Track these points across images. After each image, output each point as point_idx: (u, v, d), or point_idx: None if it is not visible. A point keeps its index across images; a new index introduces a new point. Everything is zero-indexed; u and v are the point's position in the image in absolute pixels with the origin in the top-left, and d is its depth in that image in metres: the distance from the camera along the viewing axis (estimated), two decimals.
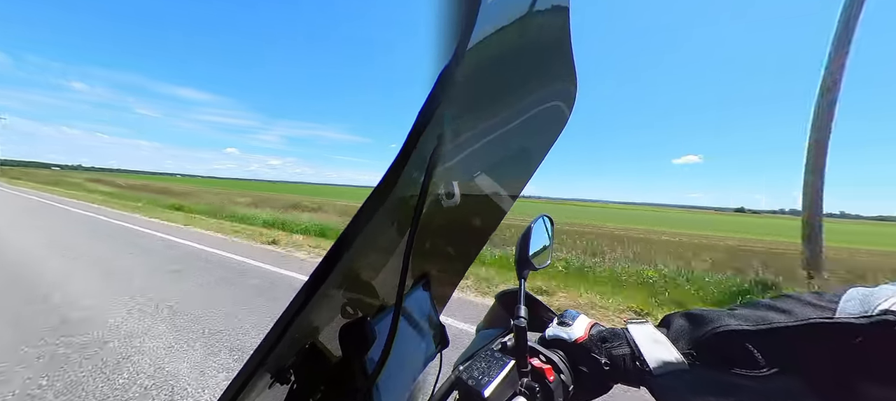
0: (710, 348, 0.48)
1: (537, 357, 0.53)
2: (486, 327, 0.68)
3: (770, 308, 0.48)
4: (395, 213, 0.35)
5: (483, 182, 0.46)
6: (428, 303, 0.56)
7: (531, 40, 0.34)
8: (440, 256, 0.55)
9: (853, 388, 0.42)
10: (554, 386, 0.49)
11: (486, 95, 0.35)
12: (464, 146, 0.39)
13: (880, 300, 0.41)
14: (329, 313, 0.41)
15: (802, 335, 0.44)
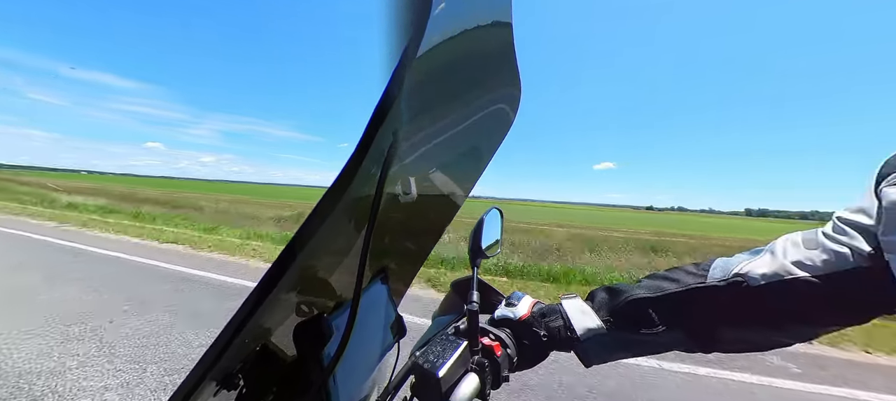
0: (623, 314, 0.57)
1: (487, 336, 0.58)
2: (441, 314, 0.71)
3: (664, 278, 0.58)
4: (352, 210, 0.34)
5: (437, 179, 0.46)
6: (385, 296, 0.56)
7: (479, 48, 0.35)
8: (397, 251, 0.54)
9: (717, 334, 0.54)
10: (501, 360, 0.54)
11: (439, 96, 0.35)
12: (419, 144, 0.39)
13: (734, 266, 0.52)
14: (283, 314, 0.39)
15: (684, 298, 0.54)
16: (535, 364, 0.61)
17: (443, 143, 0.42)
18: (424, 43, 0.25)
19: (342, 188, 0.26)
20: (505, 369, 0.55)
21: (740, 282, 0.51)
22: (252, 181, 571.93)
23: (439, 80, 0.33)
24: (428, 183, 0.45)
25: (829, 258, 0.47)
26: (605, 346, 0.58)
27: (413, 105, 0.32)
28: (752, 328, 0.53)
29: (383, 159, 0.33)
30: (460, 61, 0.34)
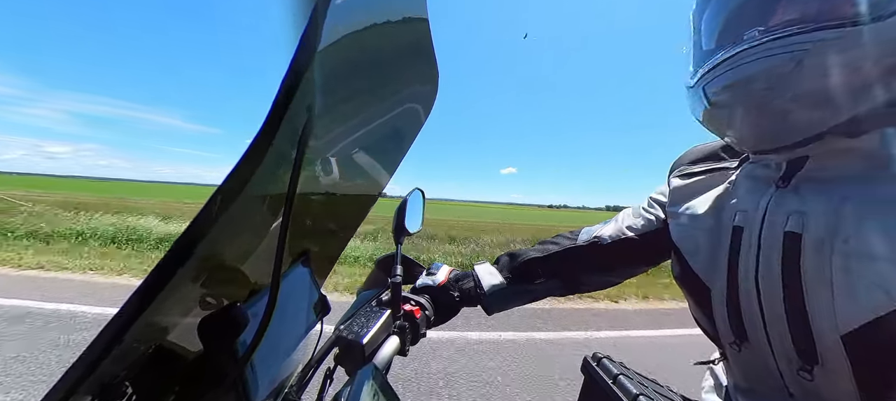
0: (520, 271, 0.72)
1: (409, 303, 0.62)
2: (366, 289, 0.72)
3: (550, 243, 0.75)
4: (265, 191, 0.31)
5: (361, 160, 0.45)
6: (308, 278, 0.53)
7: (396, 35, 0.34)
8: (320, 232, 0.51)
9: (580, 280, 0.73)
10: (420, 321, 0.60)
11: (356, 75, 0.33)
12: (339, 123, 0.36)
13: (594, 232, 0.73)
14: (182, 309, 0.33)
15: (562, 256, 0.72)
16: (448, 319, 0.70)
17: (364, 124, 0.40)
18: (333, 16, 0.23)
19: (250, 168, 0.23)
20: (423, 328, 0.61)
21: (597, 242, 0.71)
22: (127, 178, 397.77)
23: (355, 59, 0.31)
24: (351, 164, 0.43)
25: (644, 223, 0.69)
26: (505, 297, 0.72)
27: (328, 82, 0.29)
28: (602, 273, 0.73)
29: (299, 137, 0.30)
30: (376, 44, 0.32)
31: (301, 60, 0.24)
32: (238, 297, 0.42)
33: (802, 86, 0.36)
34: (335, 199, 0.46)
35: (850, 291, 0.36)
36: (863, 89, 0.35)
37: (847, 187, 0.39)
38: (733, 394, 0.54)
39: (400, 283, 0.59)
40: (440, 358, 2.56)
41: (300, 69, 0.24)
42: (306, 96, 0.27)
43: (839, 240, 0.37)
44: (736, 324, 0.47)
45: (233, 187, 0.22)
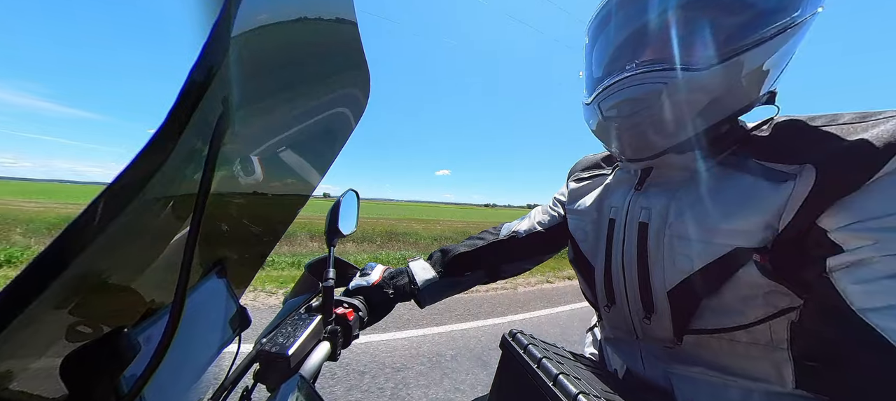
0: (451, 264, 0.76)
1: (342, 306, 0.59)
2: (294, 296, 0.65)
3: (477, 238, 0.81)
4: (170, 191, 0.25)
5: (289, 159, 0.40)
6: (224, 290, 0.45)
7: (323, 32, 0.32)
8: (239, 239, 0.44)
9: (501, 269, 0.80)
10: (353, 323, 0.57)
11: (280, 69, 0.30)
12: (262, 120, 0.32)
13: (513, 227, 0.82)
14: (40, 345, 0.25)
15: (487, 250, 0.79)
16: (382, 317, 0.69)
17: (291, 122, 0.36)
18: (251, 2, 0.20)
19: (151, 165, 0.19)
20: (356, 330, 0.59)
21: (515, 235, 0.80)
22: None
23: (279, 53, 0.28)
24: (277, 164, 0.39)
25: (550, 219, 0.80)
26: (438, 290, 0.74)
27: (248, 74, 0.26)
28: (519, 261, 0.82)
29: (212, 133, 0.26)
30: (302, 40, 0.30)
31: (215, 47, 0.21)
32: (125, 321, 0.33)
33: (660, 112, 0.45)
34: (258, 201, 0.40)
35: (673, 261, 0.47)
36: (691, 119, 0.46)
37: (675, 190, 0.50)
38: (604, 345, 0.67)
39: (332, 286, 0.55)
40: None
41: (214, 56, 0.21)
42: (221, 87, 0.24)
43: (668, 226, 0.48)
44: (608, 291, 0.57)
45: (127, 187, 0.18)
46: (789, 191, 0.39)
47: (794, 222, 0.38)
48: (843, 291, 0.34)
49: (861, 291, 0.33)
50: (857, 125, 0.38)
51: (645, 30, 0.49)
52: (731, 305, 0.44)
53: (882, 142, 0.34)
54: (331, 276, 0.56)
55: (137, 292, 0.33)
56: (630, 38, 0.51)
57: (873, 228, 0.33)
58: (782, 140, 0.43)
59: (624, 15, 0.51)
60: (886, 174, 0.34)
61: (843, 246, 0.35)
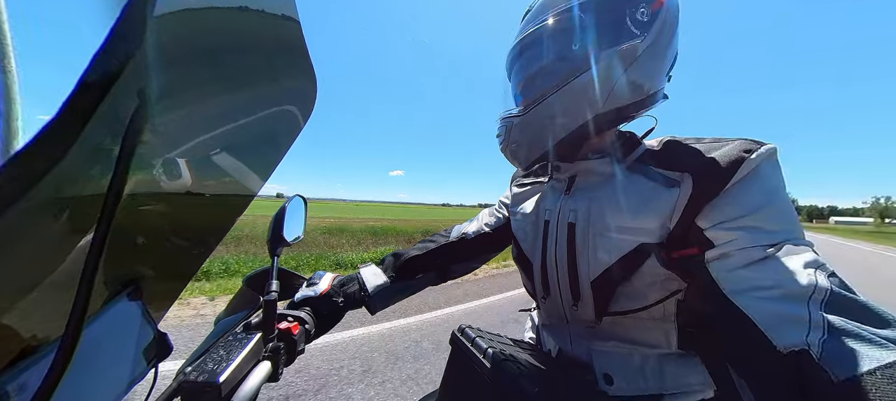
0: (403, 268, 0.75)
1: (285, 320, 0.54)
2: (230, 314, 0.58)
3: (429, 241, 0.81)
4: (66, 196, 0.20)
5: (224, 163, 0.36)
6: (138, 315, 0.37)
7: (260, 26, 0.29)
8: (160, 254, 0.37)
9: (451, 269, 0.82)
10: (298, 337, 0.53)
11: (211, 61, 0.27)
12: (190, 117, 0.28)
13: (463, 229, 0.84)
14: None
15: (437, 252, 0.81)
16: (332, 327, 0.65)
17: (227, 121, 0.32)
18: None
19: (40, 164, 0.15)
20: (301, 344, 0.54)
21: (464, 237, 0.82)
22: None
23: (209, 42, 0.25)
24: (210, 167, 0.34)
25: (496, 220, 0.84)
26: (389, 295, 0.73)
27: (171, 64, 0.23)
28: (467, 261, 0.84)
29: (125, 129, 0.22)
30: (238, 30, 0.27)
31: (129, 27, 0.18)
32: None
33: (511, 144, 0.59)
34: (185, 209, 0.35)
35: (594, 254, 0.53)
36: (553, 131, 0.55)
37: (594, 192, 0.56)
38: (541, 329, 0.73)
39: (275, 300, 0.50)
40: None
41: (128, 39, 0.18)
42: (137, 77, 0.20)
43: (589, 224, 0.54)
44: (544, 284, 0.62)
45: (7, 186, 0.14)
46: (676, 195, 0.47)
47: (681, 221, 0.46)
48: (715, 278, 0.41)
49: (727, 278, 0.40)
50: (713, 145, 0.48)
51: (514, 84, 0.62)
52: (638, 290, 0.52)
53: (727, 161, 0.43)
54: (274, 288, 0.50)
55: (9, 327, 0.26)
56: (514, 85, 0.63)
57: (731, 228, 0.42)
58: (670, 153, 0.52)
59: (511, 68, 0.64)
60: (732, 185, 0.43)
61: (714, 242, 0.43)
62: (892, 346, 0.29)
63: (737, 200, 0.43)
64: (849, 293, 0.33)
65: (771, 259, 0.38)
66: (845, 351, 0.29)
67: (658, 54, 0.50)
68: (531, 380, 0.46)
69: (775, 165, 0.45)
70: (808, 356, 0.31)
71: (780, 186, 0.44)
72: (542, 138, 0.56)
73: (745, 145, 0.45)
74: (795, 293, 0.34)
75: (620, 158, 0.57)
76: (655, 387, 0.52)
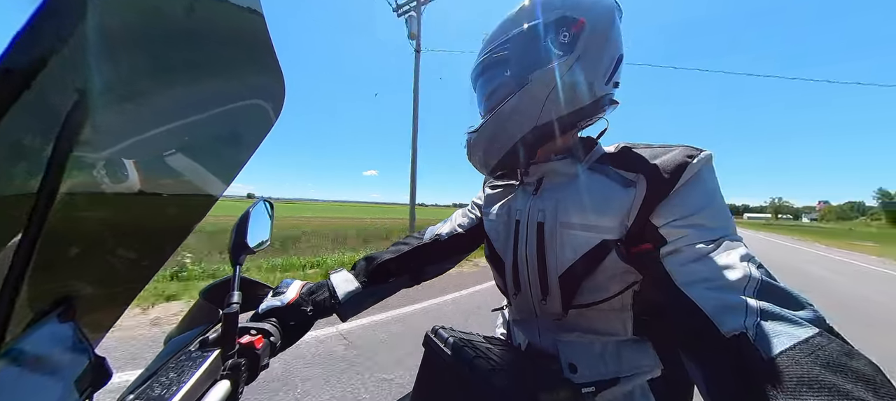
0: (375, 273, 0.74)
1: (248, 334, 0.50)
2: (186, 330, 0.52)
3: (402, 243, 0.81)
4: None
5: (179, 165, 0.32)
6: (70, 337, 0.32)
7: (218, 17, 0.28)
8: (101, 266, 0.33)
9: (424, 271, 0.82)
10: (262, 351, 0.49)
11: (162, 47, 0.24)
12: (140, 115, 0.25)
13: (436, 230, 0.85)
14: None
15: (411, 254, 0.80)
16: (300, 338, 0.61)
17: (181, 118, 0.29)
18: None
19: None
20: (265, 358, 0.50)
21: (438, 238, 0.82)
22: None
23: (161, 27, 0.23)
24: (163, 167, 0.30)
25: (469, 221, 0.85)
26: (360, 300, 0.71)
27: (116, 53, 0.20)
28: (441, 262, 0.84)
29: (61, 126, 0.19)
30: (193, 16, 0.25)
31: (59, 4, 0.15)
32: None
33: (474, 157, 0.63)
34: (134, 214, 0.31)
35: (562, 250, 0.55)
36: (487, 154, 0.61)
37: (560, 192, 0.59)
38: (512, 325, 0.75)
39: (237, 312, 0.46)
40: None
41: (58, 18, 0.15)
42: (72, 64, 0.18)
43: (557, 222, 0.57)
44: (515, 281, 0.64)
45: None
46: (633, 194, 0.51)
47: (637, 219, 0.50)
48: (669, 271, 0.44)
49: (679, 271, 0.43)
50: (660, 150, 0.53)
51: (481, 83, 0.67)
52: (601, 283, 0.55)
53: (674, 165, 0.49)
54: (235, 300, 0.46)
55: None
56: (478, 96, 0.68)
57: (681, 226, 0.46)
58: (626, 156, 0.57)
59: (471, 82, 0.69)
60: (680, 187, 0.48)
61: (667, 239, 0.47)
62: (807, 324, 0.33)
63: (684, 200, 0.48)
64: (773, 281, 0.38)
65: (714, 254, 0.42)
66: (772, 332, 0.33)
67: (587, 67, 0.55)
68: (501, 375, 0.47)
69: (712, 169, 0.50)
70: (746, 339, 0.33)
71: (718, 188, 0.50)
72: (492, 149, 0.61)
73: (688, 151, 0.50)
74: (735, 284, 0.38)
75: (581, 158, 0.61)
76: (613, 371, 0.55)
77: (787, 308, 0.35)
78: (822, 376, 0.29)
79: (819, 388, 0.28)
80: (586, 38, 0.54)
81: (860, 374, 0.29)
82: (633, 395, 0.55)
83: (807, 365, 0.30)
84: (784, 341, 0.32)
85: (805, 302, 0.36)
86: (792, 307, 0.35)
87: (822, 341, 0.32)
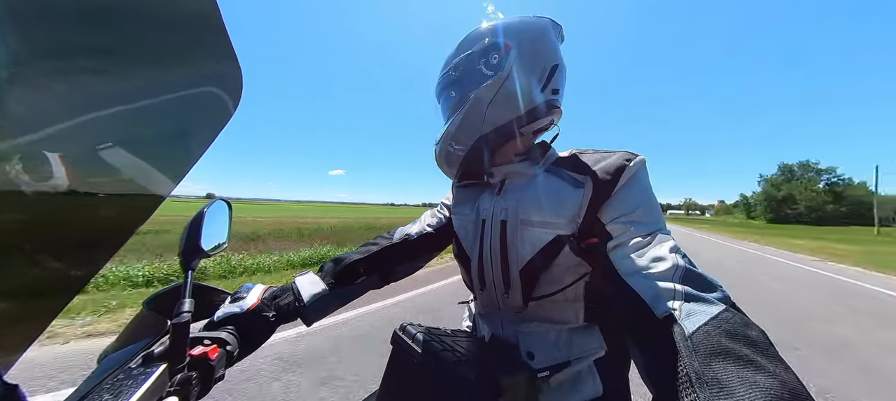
0: (343, 274, 0.72)
1: (200, 344, 0.46)
2: (126, 345, 0.46)
3: (371, 244, 0.80)
4: None
5: (117, 159, 0.29)
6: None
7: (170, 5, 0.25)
8: (16, 278, 0.28)
9: (394, 271, 0.81)
10: (217, 361, 0.45)
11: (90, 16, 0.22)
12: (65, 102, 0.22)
13: (405, 230, 0.85)
14: None
15: (380, 254, 0.79)
16: (260, 345, 0.58)
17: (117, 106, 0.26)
18: None
19: None
20: (220, 369, 0.47)
21: (407, 238, 0.82)
22: None
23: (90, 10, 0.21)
24: (96, 168, 0.27)
25: (438, 221, 0.86)
26: (327, 303, 0.69)
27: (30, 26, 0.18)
28: (411, 262, 0.84)
29: None
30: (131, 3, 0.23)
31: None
32: None
33: (442, 164, 0.68)
34: (58, 219, 0.27)
35: (522, 246, 0.59)
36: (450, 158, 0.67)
37: (521, 192, 0.62)
38: (478, 318, 0.76)
39: (188, 321, 0.42)
40: None
41: None
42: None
43: (518, 220, 0.60)
44: (481, 277, 0.67)
45: None
46: (582, 194, 0.56)
47: (586, 216, 0.55)
48: (613, 263, 0.48)
49: (622, 262, 0.47)
50: (604, 154, 0.59)
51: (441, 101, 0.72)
52: (556, 276, 0.59)
53: (615, 168, 0.54)
54: (186, 308, 0.42)
55: None
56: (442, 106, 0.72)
57: (622, 223, 0.51)
58: (575, 160, 0.62)
59: (439, 90, 0.72)
60: (620, 188, 0.53)
61: (612, 234, 0.52)
62: (717, 302, 0.38)
63: (624, 199, 0.53)
64: (693, 268, 0.44)
65: (649, 247, 0.47)
66: (692, 311, 0.38)
67: (520, 80, 0.61)
68: (466, 366, 0.49)
69: (646, 172, 0.57)
70: (674, 318, 0.38)
71: (650, 187, 0.56)
72: (451, 158, 0.68)
73: (626, 156, 0.56)
74: (665, 273, 0.43)
75: (538, 160, 0.66)
76: (565, 355, 0.60)
77: (703, 291, 0.40)
78: (726, 344, 0.34)
79: (724, 354, 0.33)
80: (513, 57, 0.61)
81: (753, 340, 0.34)
82: (582, 374, 0.60)
83: (716, 336, 0.35)
84: (700, 318, 0.37)
85: (716, 284, 0.42)
86: (707, 289, 0.41)
87: (728, 315, 0.37)
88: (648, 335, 0.41)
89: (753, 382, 0.30)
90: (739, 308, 0.39)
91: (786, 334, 3.39)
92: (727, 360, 0.33)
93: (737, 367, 0.32)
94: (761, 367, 0.31)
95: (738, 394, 0.29)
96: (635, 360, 0.45)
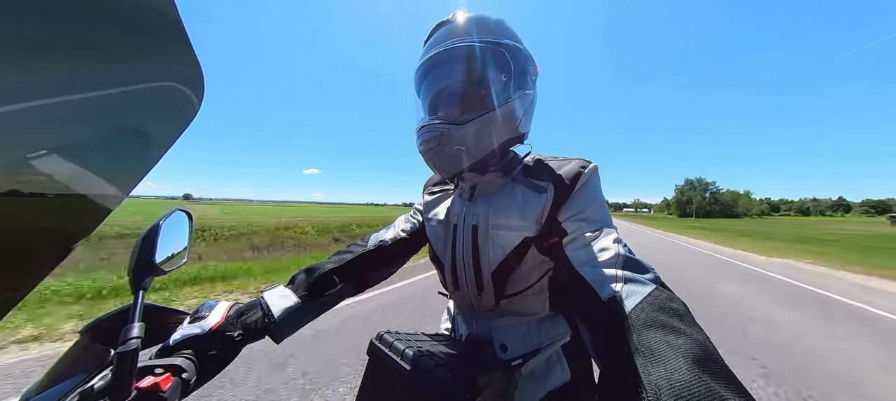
0: (316, 285, 0.68)
1: (151, 374, 0.40)
2: (58, 381, 0.39)
3: (345, 252, 0.77)
4: None
5: (58, 167, 0.25)
6: None
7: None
8: None
9: (367, 277, 0.79)
10: (170, 392, 0.40)
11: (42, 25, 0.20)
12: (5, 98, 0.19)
13: (380, 236, 0.83)
14: None
15: (355, 263, 0.77)
16: (223, 368, 0.51)
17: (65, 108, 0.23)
18: None
19: None
20: (174, 398, 0.41)
21: (382, 244, 0.81)
22: None
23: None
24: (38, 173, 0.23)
25: (411, 226, 0.86)
26: (299, 317, 0.64)
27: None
28: (385, 267, 0.82)
29: None
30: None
31: None
32: None
33: (446, 149, 0.60)
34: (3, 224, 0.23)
35: (493, 250, 0.62)
36: (470, 150, 0.59)
37: (490, 199, 0.65)
38: (455, 317, 0.78)
39: (136, 349, 0.36)
40: None
41: None
42: None
43: (489, 225, 0.63)
44: (454, 279, 0.69)
45: None
46: (544, 199, 0.60)
47: (548, 218, 0.60)
48: (569, 257, 0.52)
49: (574, 255, 0.51)
50: (563, 161, 0.64)
51: (441, 93, 0.64)
52: (525, 274, 0.63)
53: (572, 174, 0.60)
54: (134, 334, 0.37)
55: None
56: (436, 95, 0.64)
57: (577, 220, 0.57)
58: (538, 167, 0.66)
59: (434, 76, 0.64)
60: (576, 191, 0.59)
61: (567, 231, 0.56)
62: (650, 283, 0.43)
63: (578, 201, 0.59)
64: (631, 255, 0.50)
65: (597, 239, 0.52)
66: (630, 292, 0.42)
67: (534, 104, 0.67)
68: (443, 368, 0.49)
69: (598, 177, 0.63)
70: (616, 300, 0.42)
71: (600, 190, 0.63)
72: (457, 156, 0.60)
73: (581, 163, 0.62)
74: (610, 260, 0.48)
75: (508, 171, 0.69)
76: (536, 343, 0.64)
77: (639, 273, 0.46)
78: (656, 316, 0.39)
79: (654, 325, 0.38)
80: (537, 82, 0.65)
81: (676, 311, 0.40)
82: (551, 360, 0.65)
83: (649, 311, 0.40)
84: (636, 298, 0.42)
85: (649, 267, 0.48)
86: (642, 272, 0.46)
87: (658, 293, 0.43)
88: (597, 317, 0.45)
89: (675, 344, 0.35)
90: (667, 286, 0.45)
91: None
92: (655, 329, 0.38)
93: (663, 334, 0.37)
94: (681, 332, 0.37)
95: (664, 355, 0.34)
96: (587, 342, 0.50)
